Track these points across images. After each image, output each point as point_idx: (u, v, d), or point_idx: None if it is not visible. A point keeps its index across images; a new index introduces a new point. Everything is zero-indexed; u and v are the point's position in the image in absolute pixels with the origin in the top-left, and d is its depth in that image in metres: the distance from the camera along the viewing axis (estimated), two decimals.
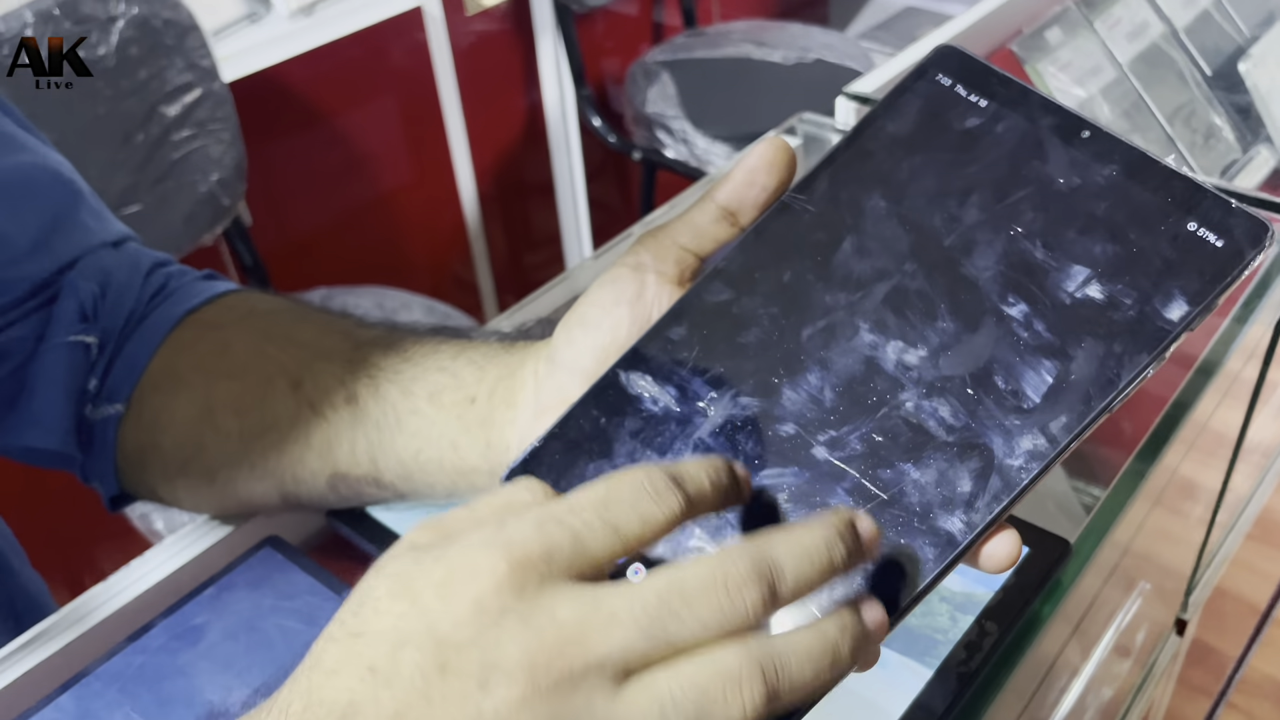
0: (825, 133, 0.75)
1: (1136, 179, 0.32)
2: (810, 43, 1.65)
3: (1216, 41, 1.04)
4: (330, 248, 1.59)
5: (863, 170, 0.35)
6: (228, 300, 0.48)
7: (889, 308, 0.33)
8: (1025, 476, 0.29)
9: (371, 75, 1.53)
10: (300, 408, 0.43)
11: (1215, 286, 0.30)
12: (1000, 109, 0.34)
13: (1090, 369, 0.30)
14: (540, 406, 0.38)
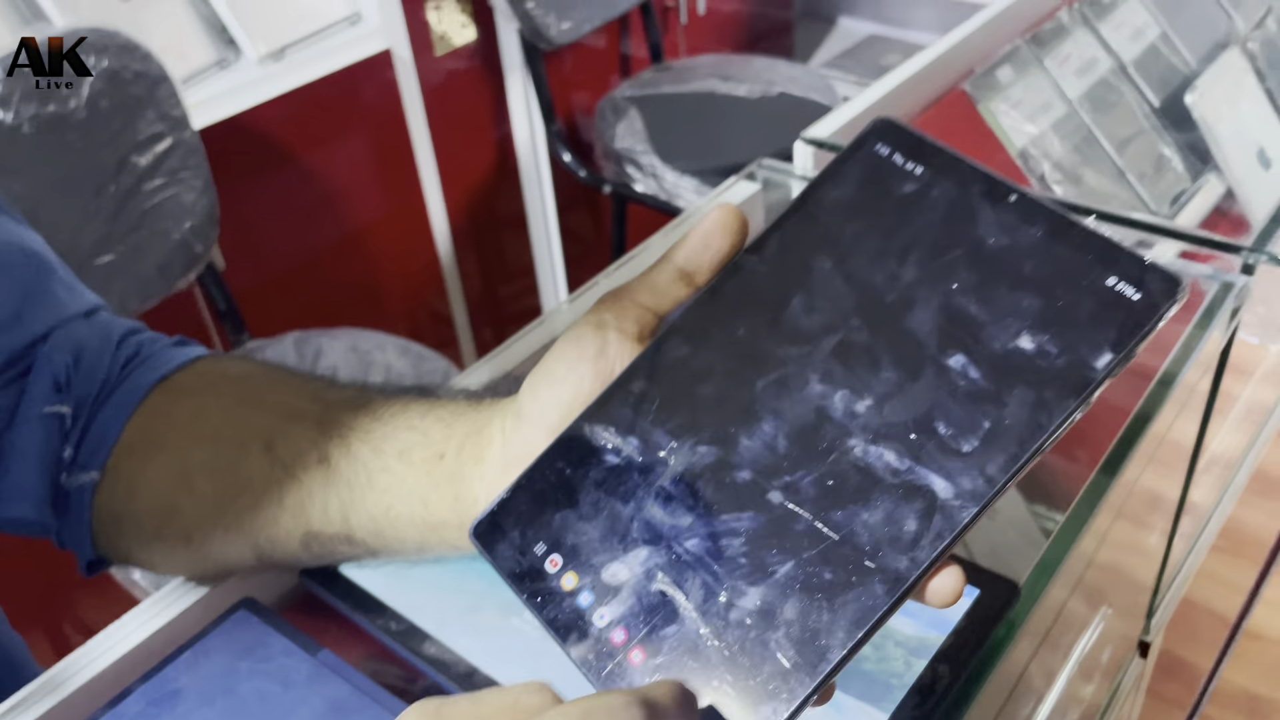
0: (783, 178, 0.77)
1: (1060, 239, 0.34)
2: (774, 76, 1.68)
3: (1164, 74, 1.07)
4: (305, 289, 1.60)
5: (809, 233, 0.37)
6: (199, 366, 0.49)
7: (836, 360, 0.35)
8: (965, 515, 0.31)
9: (342, 116, 1.55)
10: (273, 469, 0.44)
11: (1134, 337, 0.32)
12: (934, 176, 0.37)
13: (1022, 415, 0.32)
14: (507, 461, 0.39)
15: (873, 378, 0.34)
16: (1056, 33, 1.01)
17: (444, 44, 1.65)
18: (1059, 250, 0.34)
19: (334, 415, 0.45)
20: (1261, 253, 0.61)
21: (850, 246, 0.36)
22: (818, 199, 0.38)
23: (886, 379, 0.34)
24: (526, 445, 0.38)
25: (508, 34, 1.71)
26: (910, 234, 0.36)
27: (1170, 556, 0.80)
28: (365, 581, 0.46)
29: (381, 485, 0.43)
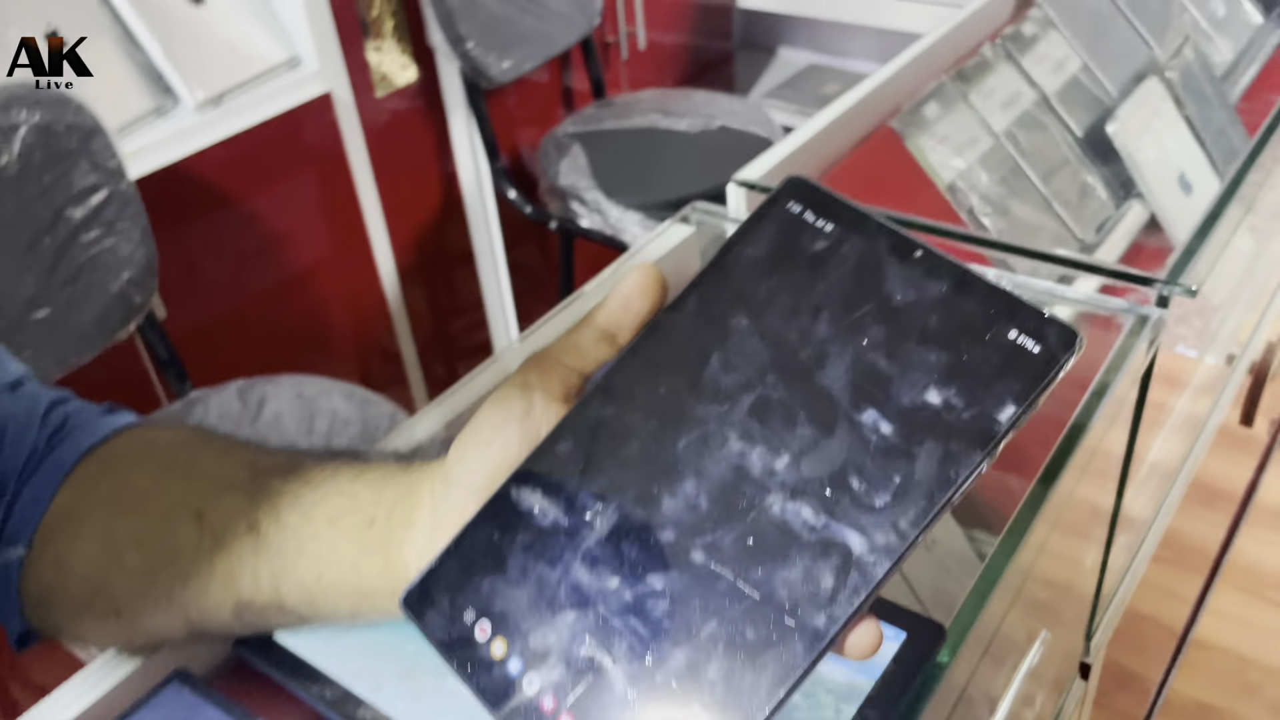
0: (717, 220, 0.78)
1: (963, 293, 0.35)
2: (715, 110, 1.70)
3: (1085, 105, 1.10)
4: (249, 335, 1.59)
5: (725, 291, 0.38)
6: (127, 435, 0.49)
7: (753, 418, 0.35)
8: (880, 570, 0.32)
9: (283, 160, 1.55)
10: (203, 539, 0.44)
11: (1035, 388, 0.33)
12: (844, 233, 0.38)
13: (931, 468, 0.33)
14: (437, 525, 0.40)
15: (788, 435, 0.35)
16: (980, 68, 1.03)
17: (385, 85, 1.66)
18: (963, 304, 0.35)
19: (263, 482, 0.45)
20: (1175, 285, 0.63)
21: (765, 304, 0.37)
22: (733, 257, 0.39)
23: (802, 436, 0.34)
24: (455, 509, 0.39)
25: (449, 73, 1.72)
26: (822, 291, 0.37)
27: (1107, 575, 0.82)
28: (300, 648, 0.46)
29: (312, 553, 0.43)
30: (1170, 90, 1.13)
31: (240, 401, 1.17)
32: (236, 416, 1.14)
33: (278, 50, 1.49)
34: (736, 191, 0.79)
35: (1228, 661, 1.61)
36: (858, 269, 0.37)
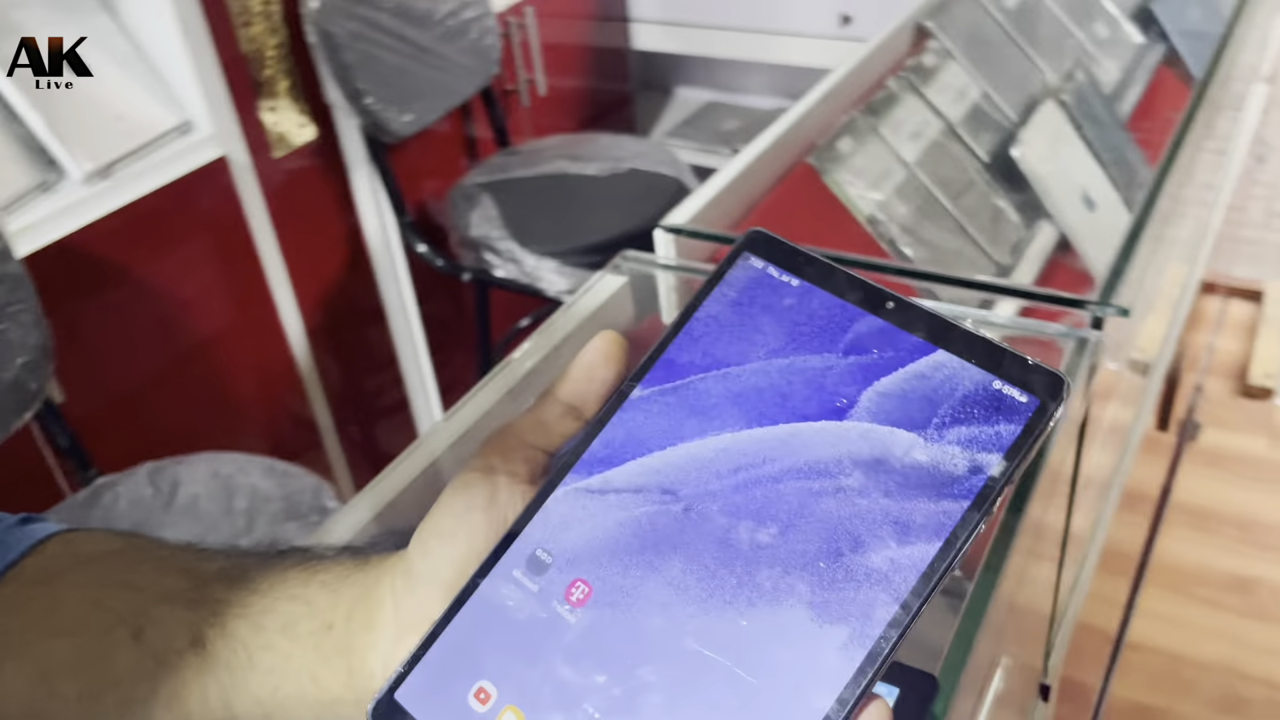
0: (646, 268, 0.77)
1: (941, 342, 0.34)
2: (621, 152, 1.70)
3: (988, 131, 1.13)
4: (155, 414, 1.52)
5: (691, 354, 0.37)
6: (49, 548, 0.45)
7: (737, 492, 0.34)
8: (886, 646, 0.30)
9: (180, 229, 1.49)
10: (143, 659, 0.40)
11: (1028, 440, 0.31)
12: (810, 286, 0.36)
13: (928, 533, 0.31)
14: (402, 626, 0.37)
15: (777, 508, 0.33)
16: (888, 101, 1.05)
17: (283, 145, 1.62)
18: (943, 355, 0.34)
19: (206, 592, 0.41)
20: (1109, 306, 0.64)
21: (734, 366, 0.36)
22: (697, 319, 0.37)
23: (790, 508, 0.33)
24: (420, 607, 0.36)
25: (348, 129, 1.69)
26: (793, 348, 0.35)
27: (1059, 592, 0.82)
28: None
29: (265, 665, 0.39)
30: (1066, 112, 1.16)
31: (152, 486, 1.11)
32: (149, 503, 1.08)
33: (168, 116, 1.44)
34: (664, 238, 0.78)
35: (1162, 661, 1.65)
36: (829, 325, 0.35)
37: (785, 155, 0.94)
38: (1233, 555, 1.81)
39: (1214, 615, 1.72)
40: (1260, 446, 2.03)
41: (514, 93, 1.99)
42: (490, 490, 0.36)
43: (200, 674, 0.40)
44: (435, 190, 1.88)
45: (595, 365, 0.37)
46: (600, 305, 0.72)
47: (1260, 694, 1.60)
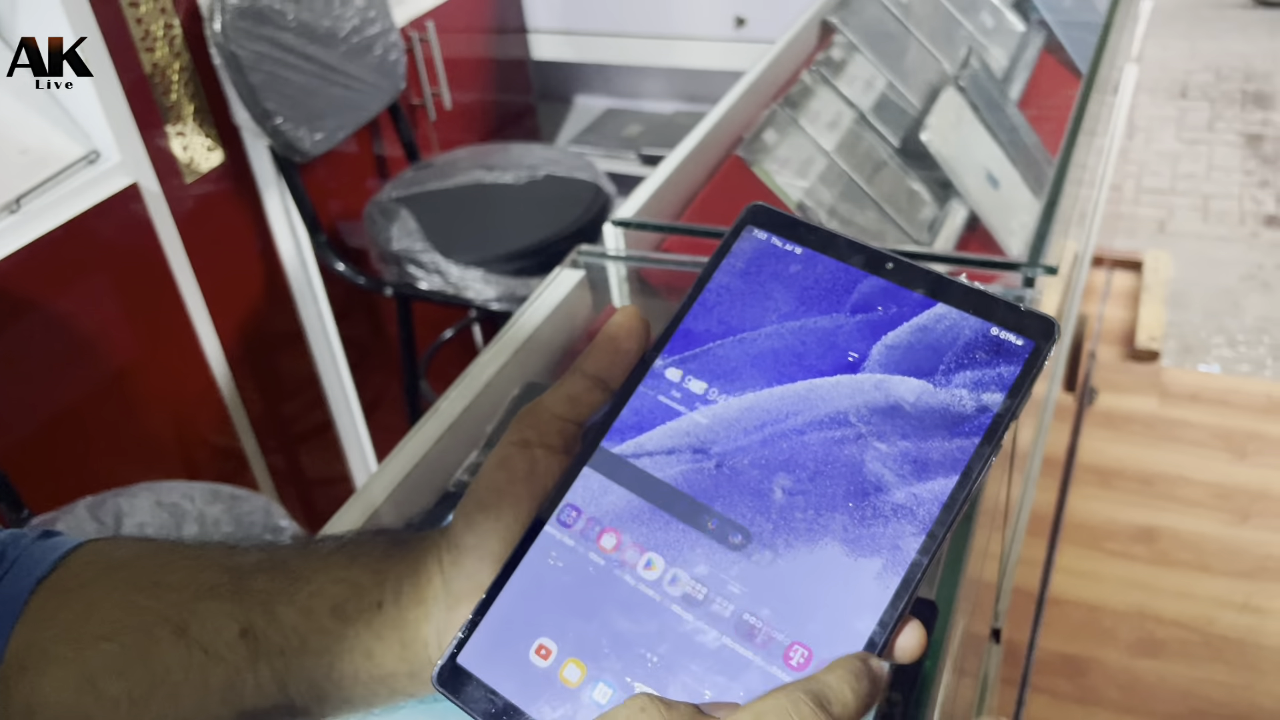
0: (601, 261, 0.80)
1: (940, 296, 0.37)
2: (534, 160, 1.72)
3: (897, 118, 1.19)
4: (81, 450, 1.48)
5: (707, 323, 0.40)
6: (79, 556, 0.45)
7: (764, 446, 0.37)
8: (917, 571, 0.33)
9: (93, 260, 1.46)
10: (191, 654, 0.41)
11: (1025, 378, 0.35)
12: (813, 253, 0.39)
13: (946, 468, 0.34)
14: (453, 597, 0.39)
15: (801, 457, 0.36)
16: (804, 93, 1.10)
17: (192, 171, 1.59)
18: (943, 308, 0.37)
19: (247, 583, 0.43)
20: (1039, 266, 0.69)
21: (749, 331, 0.39)
22: (709, 290, 0.40)
23: (815, 456, 0.36)
24: (470, 578, 0.38)
25: (257, 151, 1.67)
26: (802, 311, 0.38)
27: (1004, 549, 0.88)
28: None
29: (318, 647, 0.41)
30: (966, 98, 1.23)
31: (94, 520, 1.09)
32: (95, 536, 1.06)
33: (75, 146, 1.41)
34: (614, 231, 0.81)
35: (1081, 613, 1.75)
36: (835, 287, 0.38)
37: (716, 149, 0.98)
38: (1136, 509, 1.93)
39: (1124, 566, 1.83)
40: (1151, 406, 2.16)
41: (421, 107, 1.99)
42: (528, 463, 0.38)
43: (253, 662, 0.41)
44: (349, 208, 1.87)
45: (619, 339, 0.40)
46: (563, 298, 0.75)
47: (1173, 634, 1.70)
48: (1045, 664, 1.66)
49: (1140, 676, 1.65)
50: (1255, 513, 1.89)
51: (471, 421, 0.67)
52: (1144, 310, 2.37)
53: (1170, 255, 2.60)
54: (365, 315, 2.02)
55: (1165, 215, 3.00)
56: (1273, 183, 3.13)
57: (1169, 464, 2.01)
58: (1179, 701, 1.61)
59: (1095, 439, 2.06)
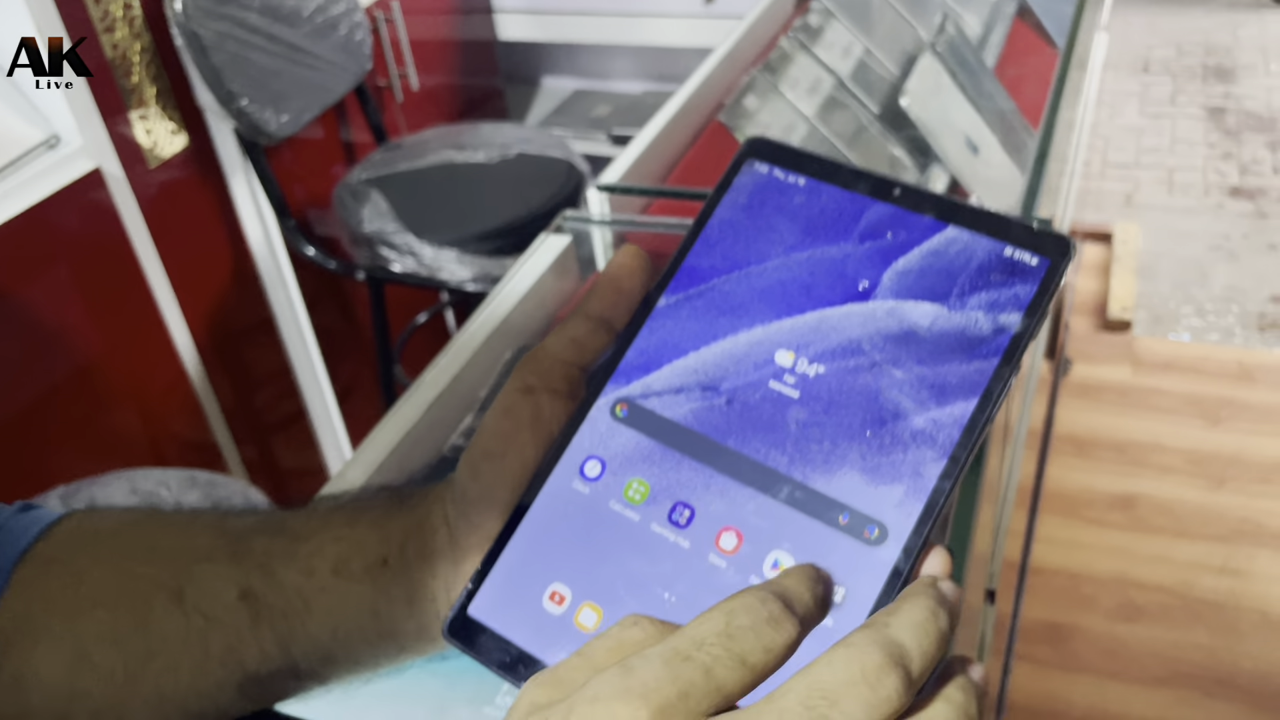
0: (587, 226, 0.78)
1: (951, 219, 0.36)
2: (505, 139, 1.70)
3: (876, 84, 1.18)
4: (53, 439, 1.45)
5: (711, 259, 0.38)
6: (63, 528, 0.43)
7: (776, 379, 0.35)
8: (940, 497, 0.32)
9: (57, 248, 1.42)
10: (189, 620, 0.40)
11: (1043, 297, 0.34)
12: (817, 182, 0.38)
13: (965, 391, 0.33)
14: (459, 550, 0.38)
15: (815, 389, 0.35)
16: (782, 59, 1.09)
17: (155, 155, 1.55)
18: (955, 231, 0.36)
19: (245, 545, 0.41)
20: (1034, 218, 0.69)
21: (755, 265, 0.38)
22: (711, 226, 0.39)
23: (828, 387, 0.34)
24: (476, 530, 0.37)
25: (222, 134, 1.64)
26: (809, 242, 0.37)
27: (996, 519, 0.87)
28: (312, 715, 0.43)
29: (323, 607, 0.40)
30: (943, 64, 1.22)
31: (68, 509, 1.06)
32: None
33: (34, 131, 1.37)
34: (598, 196, 0.80)
35: (1062, 581, 1.76)
36: (841, 216, 0.37)
37: (697, 115, 0.97)
38: (1113, 476, 1.94)
39: (1103, 533, 1.84)
40: (1124, 375, 2.18)
41: (387, 89, 1.96)
42: (533, 409, 0.37)
43: (254, 625, 0.40)
44: (317, 192, 1.84)
45: (621, 279, 0.38)
46: (551, 263, 0.73)
47: (1153, 599, 1.72)
48: (1028, 632, 1.67)
49: (1122, 641, 1.67)
50: (1230, 477, 1.91)
51: (463, 389, 0.65)
52: (1115, 281, 2.39)
53: (1138, 228, 2.62)
54: (336, 302, 1.99)
55: (1131, 189, 3.02)
56: (1236, 155, 3.16)
57: (1144, 432, 2.03)
58: (1161, 665, 1.63)
59: (1071, 409, 2.07)
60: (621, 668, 0.25)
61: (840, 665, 0.25)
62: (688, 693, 0.24)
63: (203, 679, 0.40)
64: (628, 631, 0.27)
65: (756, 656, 0.26)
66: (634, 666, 0.25)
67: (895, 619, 0.27)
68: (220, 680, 0.40)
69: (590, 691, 0.25)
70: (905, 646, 0.26)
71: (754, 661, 0.26)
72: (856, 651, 0.26)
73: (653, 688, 0.24)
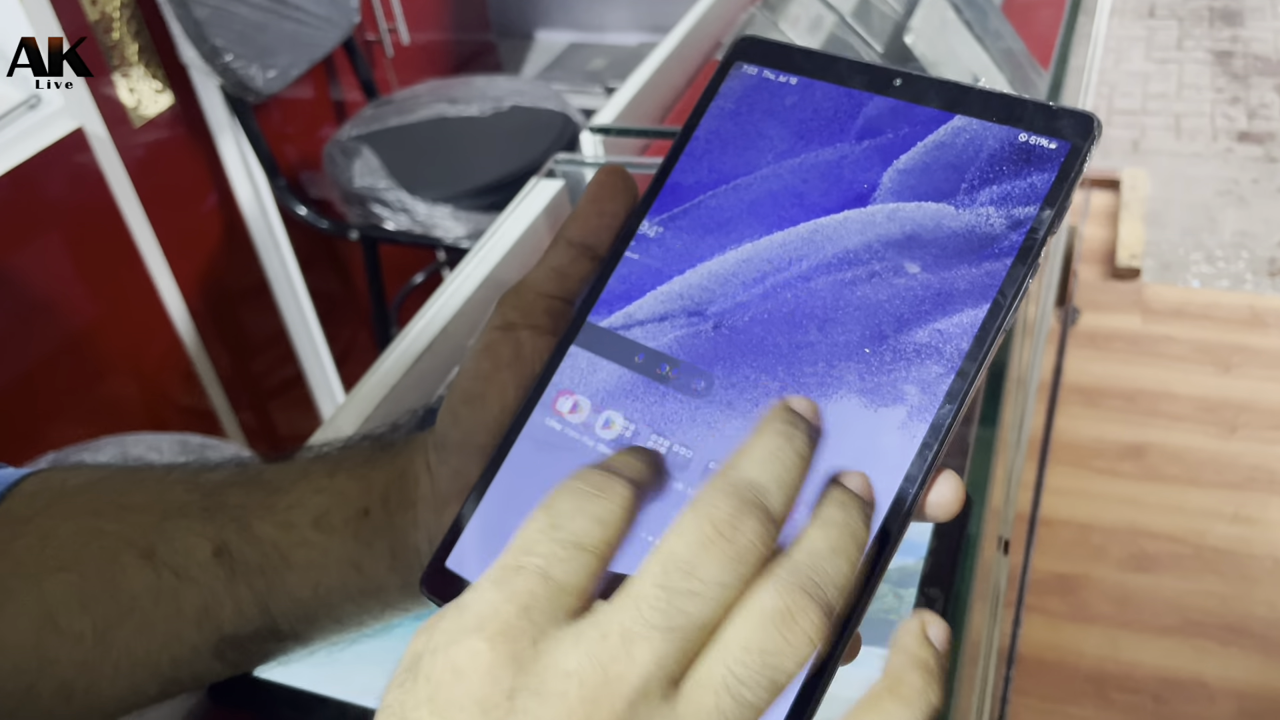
0: (581, 169, 0.75)
1: (960, 108, 0.32)
2: (499, 91, 1.66)
3: (879, 22, 1.14)
4: (44, 407, 1.42)
5: (697, 173, 0.35)
6: (26, 486, 0.41)
7: (765, 297, 0.32)
8: (947, 417, 0.29)
9: (42, 210, 1.39)
10: (160, 578, 0.37)
11: (1064, 184, 0.30)
12: (811, 81, 0.35)
13: (974, 298, 0.30)
14: (441, 498, 0.35)
15: (808, 306, 0.32)
16: None
17: (140, 115, 1.52)
18: (963, 120, 0.32)
19: (219, 499, 0.38)
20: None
21: (744, 177, 0.35)
22: (697, 138, 0.36)
23: (823, 303, 0.32)
24: (458, 476, 0.34)
25: (208, 92, 1.60)
26: (802, 146, 0.34)
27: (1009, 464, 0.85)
28: (293, 680, 0.40)
29: (302, 562, 0.37)
30: (949, 0, 1.18)
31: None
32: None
33: (13, 90, 1.34)
34: (592, 139, 0.77)
35: (1071, 531, 1.74)
36: (837, 115, 0.34)
37: (695, 54, 0.93)
38: (1123, 426, 1.92)
39: (1113, 483, 1.82)
40: (1134, 323, 2.15)
41: (377, 43, 1.92)
42: (514, 347, 0.34)
43: (230, 583, 0.37)
44: (307, 152, 1.80)
45: (602, 200, 0.35)
46: (544, 208, 0.70)
47: (1164, 548, 1.70)
48: (1038, 583, 1.66)
49: (1132, 591, 1.65)
50: (1242, 424, 1.89)
51: (452, 339, 0.63)
52: (1124, 228, 2.35)
53: (1146, 174, 2.58)
54: (330, 263, 1.95)
55: (1139, 135, 2.97)
56: (1244, 99, 3.11)
57: (1154, 380, 2.00)
58: (1172, 613, 1.61)
59: (1079, 359, 2.04)
60: (454, 605, 0.22)
61: (690, 527, 0.23)
62: (529, 605, 0.22)
63: (177, 642, 0.37)
64: None
65: (593, 534, 0.23)
66: (465, 602, 0.22)
67: (742, 457, 0.24)
68: (196, 643, 0.38)
69: (433, 642, 0.22)
70: (757, 482, 0.24)
71: (592, 541, 0.23)
72: (704, 506, 0.23)
73: (488, 615, 0.22)
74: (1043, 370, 1.85)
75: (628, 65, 2.34)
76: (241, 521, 0.38)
